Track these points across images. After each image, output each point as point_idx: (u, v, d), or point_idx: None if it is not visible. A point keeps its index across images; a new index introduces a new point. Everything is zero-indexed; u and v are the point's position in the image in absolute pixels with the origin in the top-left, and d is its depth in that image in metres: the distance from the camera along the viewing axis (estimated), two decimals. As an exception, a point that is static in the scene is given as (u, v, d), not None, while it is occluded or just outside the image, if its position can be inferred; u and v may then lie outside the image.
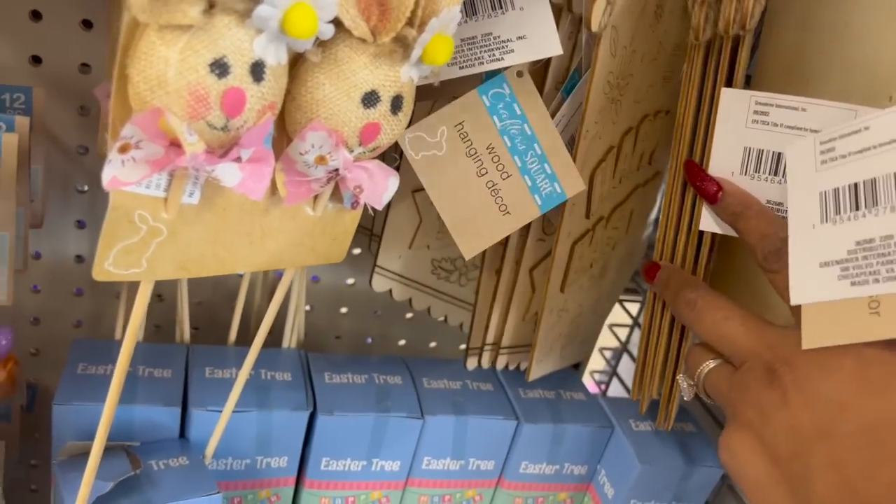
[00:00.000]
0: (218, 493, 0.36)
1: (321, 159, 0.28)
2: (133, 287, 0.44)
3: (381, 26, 0.26)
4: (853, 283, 0.27)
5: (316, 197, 0.31)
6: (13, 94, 0.35)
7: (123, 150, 0.24)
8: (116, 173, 0.24)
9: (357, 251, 0.55)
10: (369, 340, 0.61)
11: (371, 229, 0.51)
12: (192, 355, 0.44)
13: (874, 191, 0.27)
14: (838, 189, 0.28)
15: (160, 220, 0.26)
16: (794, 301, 0.29)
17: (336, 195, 0.31)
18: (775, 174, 0.33)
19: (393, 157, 0.40)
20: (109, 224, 0.25)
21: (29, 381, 0.49)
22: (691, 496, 0.47)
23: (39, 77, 0.43)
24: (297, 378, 0.44)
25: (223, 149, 0.25)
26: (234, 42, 0.23)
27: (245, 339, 0.46)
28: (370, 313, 0.60)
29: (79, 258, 0.50)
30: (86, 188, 0.48)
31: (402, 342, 0.62)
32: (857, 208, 0.27)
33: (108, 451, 0.36)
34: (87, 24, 0.43)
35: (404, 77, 0.27)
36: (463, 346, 0.60)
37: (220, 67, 0.23)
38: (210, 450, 0.39)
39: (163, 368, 0.42)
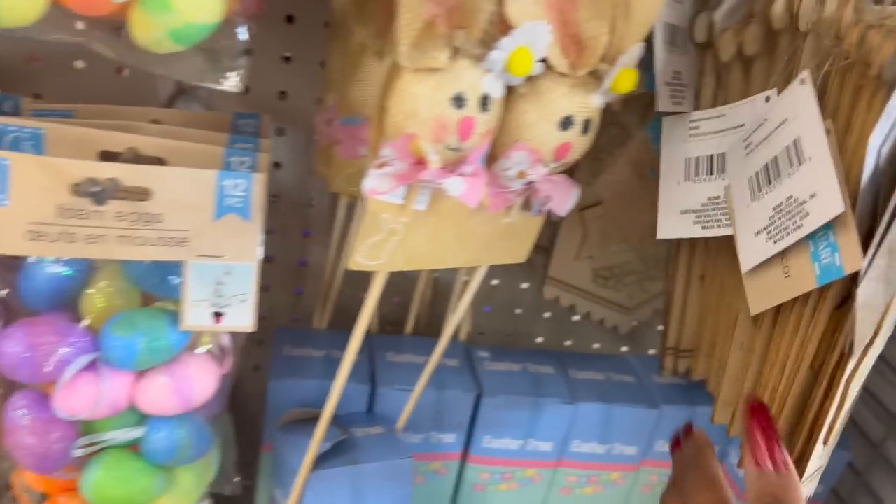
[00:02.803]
0: (411, 457, 0.42)
1: (521, 174, 0.33)
2: (314, 283, 0.51)
3: (579, 62, 0.31)
4: (703, 227, 0.37)
5: (509, 208, 0.36)
6: (246, 119, 0.42)
7: (380, 166, 0.30)
8: (374, 184, 0.30)
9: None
10: (539, 339, 0.66)
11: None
12: (375, 343, 0.50)
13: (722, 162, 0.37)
14: (699, 157, 0.38)
15: (398, 223, 0.32)
16: (660, 235, 0.39)
17: (525, 204, 0.37)
18: (711, 174, 0.38)
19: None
20: (365, 224, 0.31)
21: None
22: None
23: (245, 103, 0.51)
24: (463, 364, 0.50)
25: (451, 165, 0.31)
26: (470, 80, 0.29)
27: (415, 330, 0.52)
28: (538, 316, 0.64)
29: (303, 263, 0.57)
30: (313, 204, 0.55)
31: (568, 342, 0.66)
32: (711, 173, 0.38)
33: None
34: (286, 59, 0.50)
35: (595, 104, 0.33)
36: (597, 346, 0.65)
37: (458, 101, 0.29)
38: (401, 422, 0.45)
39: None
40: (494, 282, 0.63)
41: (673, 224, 0.39)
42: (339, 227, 0.49)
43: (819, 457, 0.33)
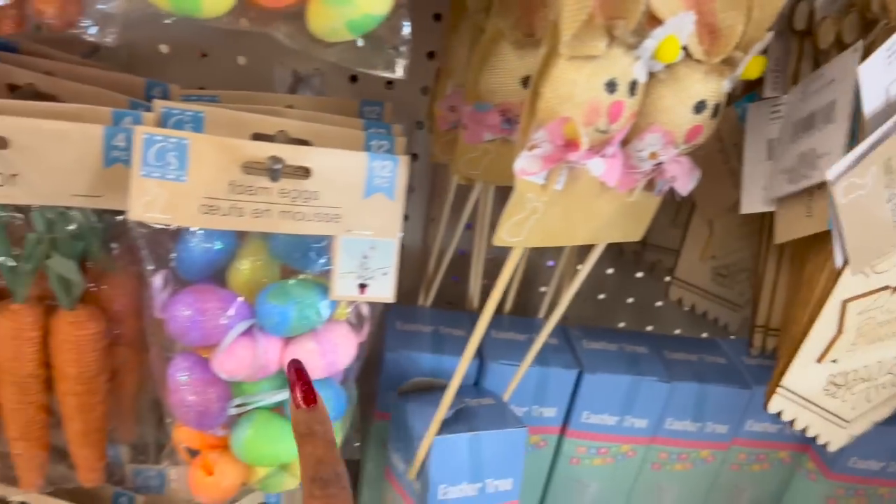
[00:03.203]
0: (525, 427, 0.44)
1: (653, 155, 0.35)
2: (408, 265, 0.54)
3: (713, 49, 0.33)
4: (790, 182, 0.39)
5: (632, 188, 0.38)
6: (371, 106, 0.45)
7: (531, 148, 0.32)
8: (524, 165, 0.32)
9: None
10: (621, 325, 0.68)
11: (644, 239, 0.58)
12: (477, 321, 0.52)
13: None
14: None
15: (539, 202, 0.34)
16: (743, 210, 0.41)
17: (649, 184, 0.39)
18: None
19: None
20: (512, 203, 0.33)
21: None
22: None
23: (354, 92, 0.54)
24: (562, 343, 0.52)
25: (596, 147, 0.33)
26: (622, 67, 0.31)
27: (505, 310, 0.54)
28: (621, 302, 0.67)
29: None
30: (412, 189, 0.58)
31: (649, 328, 0.69)
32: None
33: (436, 388, 0.46)
34: (430, 56, 0.53)
35: (725, 89, 0.35)
36: (678, 331, 0.67)
37: (611, 86, 0.31)
38: (507, 394, 0.47)
39: (458, 329, 0.51)
40: (579, 266, 0.65)
41: (755, 200, 0.42)
42: (447, 211, 0.51)
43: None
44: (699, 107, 0.34)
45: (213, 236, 0.38)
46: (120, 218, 0.39)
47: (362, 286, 0.38)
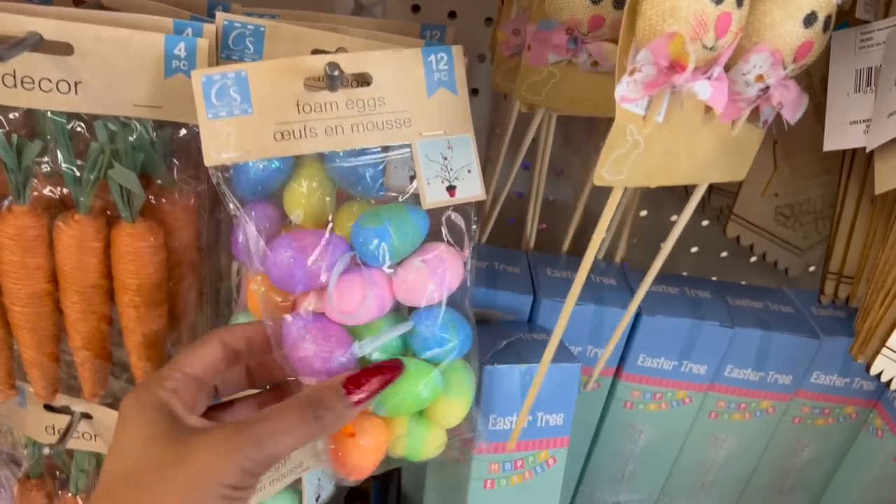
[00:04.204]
0: (578, 363, 0.43)
1: (759, 77, 0.33)
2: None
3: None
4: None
5: (734, 120, 0.36)
6: (432, 30, 0.44)
7: (631, 73, 0.30)
8: (625, 91, 0.30)
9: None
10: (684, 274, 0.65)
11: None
12: (533, 259, 0.51)
13: None
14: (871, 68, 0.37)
15: (640, 135, 0.32)
16: (827, 147, 0.39)
17: (751, 116, 0.36)
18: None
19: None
20: (612, 135, 0.31)
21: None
22: None
23: (416, 21, 0.53)
24: (620, 284, 0.51)
25: (702, 68, 0.31)
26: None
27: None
28: (685, 250, 0.65)
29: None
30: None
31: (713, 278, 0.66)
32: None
33: (490, 321, 0.45)
34: None
35: (837, -1, 0.32)
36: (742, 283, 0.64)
37: (719, -4, 0.29)
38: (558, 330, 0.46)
39: (513, 266, 0.50)
40: (643, 213, 0.63)
41: (841, 135, 0.39)
42: (506, 143, 0.50)
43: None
44: (809, 19, 0.32)
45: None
46: (181, 134, 0.39)
47: (450, 189, 0.37)
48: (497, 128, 0.56)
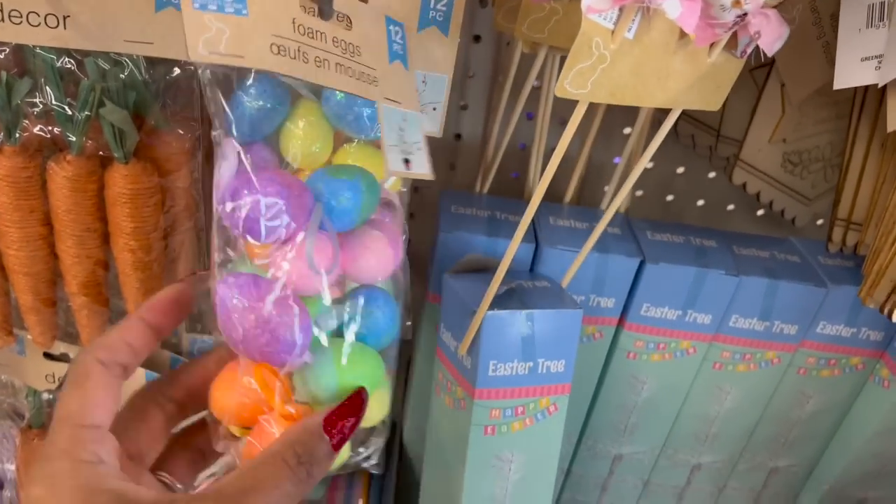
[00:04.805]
0: (580, 309, 0.43)
1: (737, 3, 0.32)
2: (467, 157, 0.52)
3: None
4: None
5: (713, 45, 0.35)
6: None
7: None
8: (591, 2, 0.30)
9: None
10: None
11: (718, 129, 0.54)
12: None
13: None
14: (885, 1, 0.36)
15: (607, 49, 0.32)
16: (837, 85, 0.37)
17: (729, 44, 0.35)
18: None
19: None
20: (577, 46, 0.31)
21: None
22: None
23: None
24: (625, 233, 0.50)
25: None
26: None
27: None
28: (691, 203, 0.64)
29: (457, 136, 0.58)
30: (472, 74, 0.55)
31: None
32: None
33: (490, 269, 0.44)
34: None
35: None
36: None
37: None
38: (566, 280, 0.46)
39: (515, 215, 0.49)
40: (649, 164, 0.62)
41: (851, 72, 0.38)
42: (508, 86, 0.49)
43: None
44: (792, -60, 0.31)
45: (265, 91, 0.37)
46: (174, 73, 0.38)
47: (406, 161, 0.36)
48: (500, 76, 0.55)
